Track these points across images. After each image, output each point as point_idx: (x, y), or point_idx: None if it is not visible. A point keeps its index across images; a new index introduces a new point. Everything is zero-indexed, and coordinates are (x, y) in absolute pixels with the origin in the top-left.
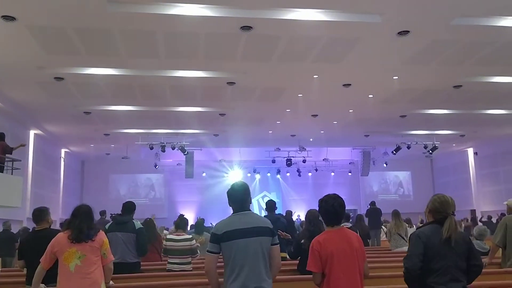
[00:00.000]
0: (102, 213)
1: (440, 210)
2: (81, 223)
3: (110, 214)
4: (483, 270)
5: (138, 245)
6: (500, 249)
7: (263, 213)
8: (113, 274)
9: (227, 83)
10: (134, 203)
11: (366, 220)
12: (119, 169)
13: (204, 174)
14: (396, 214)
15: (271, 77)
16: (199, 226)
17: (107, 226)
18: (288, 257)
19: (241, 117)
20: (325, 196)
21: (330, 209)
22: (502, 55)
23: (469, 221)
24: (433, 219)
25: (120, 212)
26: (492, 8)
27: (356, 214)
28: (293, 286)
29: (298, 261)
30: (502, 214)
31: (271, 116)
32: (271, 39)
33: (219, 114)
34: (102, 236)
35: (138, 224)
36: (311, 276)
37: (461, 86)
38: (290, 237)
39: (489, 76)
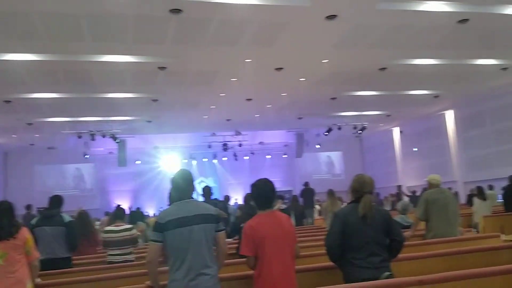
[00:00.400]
0: (28, 207)
1: (358, 189)
2: (2, 221)
3: (37, 208)
4: (408, 243)
5: (68, 239)
6: (423, 222)
7: (201, 199)
8: (43, 270)
9: (158, 67)
10: (61, 196)
11: (301, 200)
12: (45, 160)
13: (138, 162)
14: (331, 193)
15: (203, 61)
16: (134, 217)
17: (33, 221)
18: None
19: (175, 102)
20: (256, 180)
21: (261, 193)
22: (423, 38)
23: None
24: (353, 198)
25: (47, 206)
26: None
27: (292, 194)
28: (233, 269)
29: (237, 245)
30: (425, 189)
31: (206, 100)
32: (201, 22)
33: (152, 100)
34: (25, 233)
35: (67, 217)
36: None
37: (386, 68)
38: (226, 216)
39: (411, 58)
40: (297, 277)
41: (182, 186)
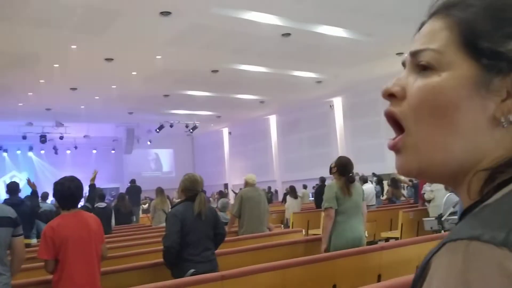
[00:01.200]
0: None
1: (190, 188)
2: None
3: None
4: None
5: None
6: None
7: (4, 197)
8: None
9: None
10: None
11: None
12: None
13: None
14: (160, 191)
15: (20, 42)
16: None
17: None
18: (32, 243)
19: None
20: (61, 178)
21: (66, 192)
22: (251, 46)
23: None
24: (185, 197)
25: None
26: (243, 2)
27: (118, 192)
28: (31, 274)
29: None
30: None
31: (22, 86)
32: None
33: None
34: None
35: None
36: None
37: (218, 71)
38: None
39: (240, 64)
40: (116, 278)
41: None
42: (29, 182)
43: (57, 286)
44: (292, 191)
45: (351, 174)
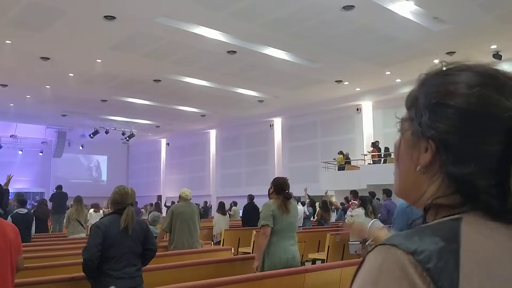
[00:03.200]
0: None
1: (120, 201)
2: None
3: None
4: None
5: None
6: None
7: None
8: None
9: None
10: None
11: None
12: None
13: None
14: (78, 200)
15: None
16: None
17: None
18: None
19: None
20: None
21: None
22: (196, 60)
23: (153, 206)
24: (113, 210)
25: None
26: (190, 16)
27: (43, 197)
28: None
29: None
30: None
31: None
32: None
33: None
34: None
35: None
36: None
37: (160, 80)
38: None
39: (183, 76)
40: None
41: None
42: None
43: None
44: (220, 207)
45: (287, 191)
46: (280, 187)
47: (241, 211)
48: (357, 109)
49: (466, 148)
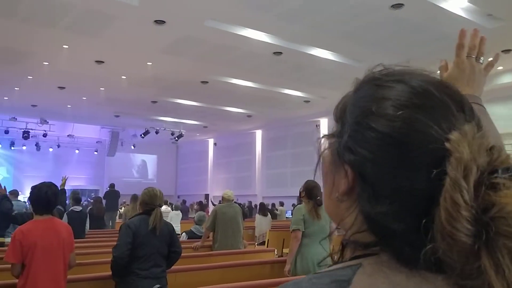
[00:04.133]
0: None
1: (148, 202)
2: None
3: None
4: (196, 253)
5: None
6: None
7: None
8: None
9: None
10: None
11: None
12: None
13: None
14: (134, 198)
15: (12, 37)
16: None
17: None
18: (6, 242)
19: None
20: (39, 183)
21: (43, 197)
22: (242, 61)
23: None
24: (142, 211)
25: None
26: (237, 18)
27: (97, 194)
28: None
29: None
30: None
31: (9, 80)
32: None
33: None
34: None
35: None
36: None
37: (207, 82)
38: None
39: (230, 77)
40: (77, 287)
41: None
42: None
43: None
44: (261, 208)
45: (318, 198)
46: (309, 191)
47: (288, 212)
48: None
49: (384, 183)
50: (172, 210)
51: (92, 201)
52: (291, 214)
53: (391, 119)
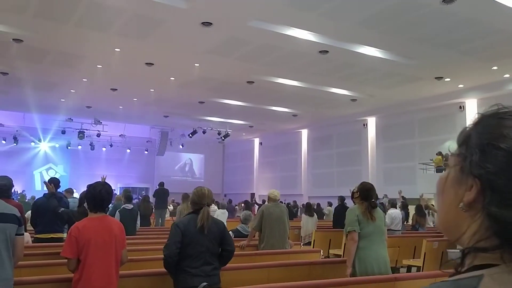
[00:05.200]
0: None
1: (197, 201)
2: None
3: None
4: (240, 252)
5: None
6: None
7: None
8: None
9: (13, 39)
10: None
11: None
12: None
13: None
14: (186, 197)
15: (68, 42)
16: None
17: None
18: (64, 237)
19: (28, 79)
20: (94, 182)
21: (98, 195)
22: (288, 61)
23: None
24: (192, 210)
25: None
26: (283, 18)
27: (148, 192)
28: (52, 271)
29: None
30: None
31: (66, 83)
32: (69, 0)
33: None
34: None
35: None
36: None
37: (253, 82)
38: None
39: (275, 77)
40: (129, 282)
41: None
42: (46, 184)
43: (76, 285)
44: (307, 209)
45: (373, 200)
46: (366, 193)
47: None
48: (460, 107)
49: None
50: (218, 209)
51: (141, 199)
52: (333, 215)
53: None
